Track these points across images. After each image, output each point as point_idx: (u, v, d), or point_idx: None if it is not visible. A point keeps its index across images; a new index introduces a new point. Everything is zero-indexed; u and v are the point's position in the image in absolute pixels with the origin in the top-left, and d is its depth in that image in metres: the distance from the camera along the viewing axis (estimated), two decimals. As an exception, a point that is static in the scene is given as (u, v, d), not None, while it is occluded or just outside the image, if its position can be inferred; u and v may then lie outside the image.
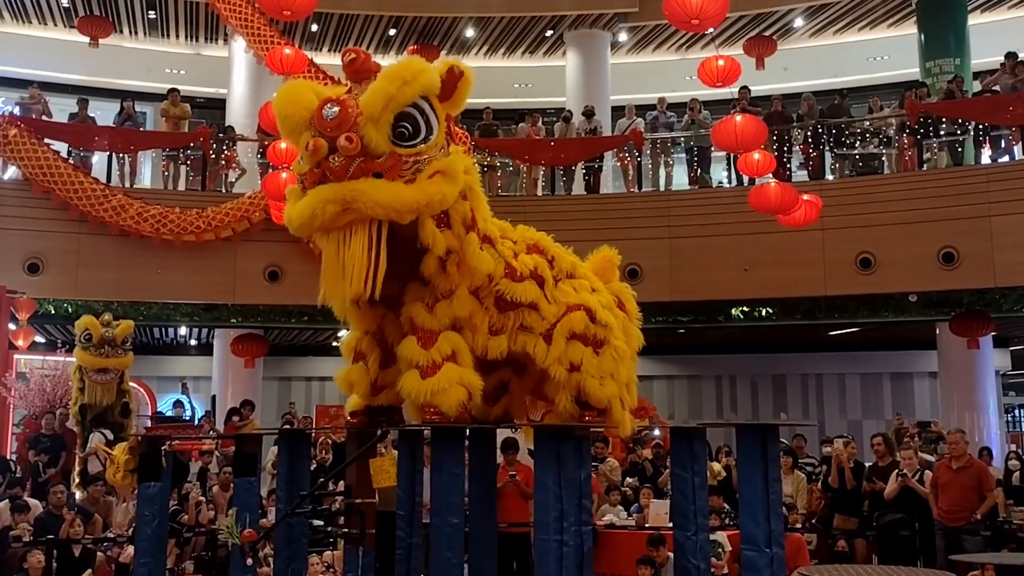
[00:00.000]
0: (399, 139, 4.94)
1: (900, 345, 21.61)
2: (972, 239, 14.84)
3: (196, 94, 20.67)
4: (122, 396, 13.32)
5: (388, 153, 4.91)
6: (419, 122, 5.00)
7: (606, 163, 17.61)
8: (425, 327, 5.31)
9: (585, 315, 5.67)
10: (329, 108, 4.91)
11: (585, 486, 5.41)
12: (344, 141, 4.80)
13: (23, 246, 15.69)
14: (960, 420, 16.02)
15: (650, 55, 21.16)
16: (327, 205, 4.84)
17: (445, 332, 5.32)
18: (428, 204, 4.96)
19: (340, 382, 5.84)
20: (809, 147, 16.51)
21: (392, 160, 4.92)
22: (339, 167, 4.85)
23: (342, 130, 4.84)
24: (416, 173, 4.96)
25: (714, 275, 15.87)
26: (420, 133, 5.00)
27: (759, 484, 5.44)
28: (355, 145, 4.81)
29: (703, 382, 23.81)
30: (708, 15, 9.23)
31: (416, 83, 4.98)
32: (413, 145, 4.97)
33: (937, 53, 17.73)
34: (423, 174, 4.97)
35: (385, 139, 4.90)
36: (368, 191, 4.84)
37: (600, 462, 11.99)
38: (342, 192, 4.83)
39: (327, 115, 4.90)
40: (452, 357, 5.29)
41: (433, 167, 5.00)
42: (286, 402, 21.91)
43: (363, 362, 5.72)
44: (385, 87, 4.94)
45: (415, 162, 4.97)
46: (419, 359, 5.25)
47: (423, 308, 5.34)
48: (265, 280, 16.33)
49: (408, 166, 4.95)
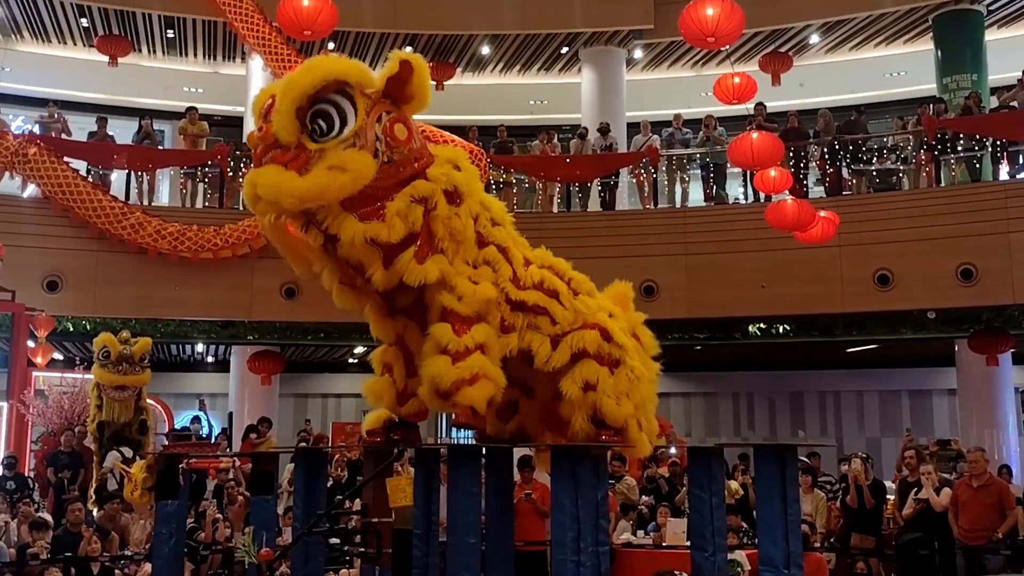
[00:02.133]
0: (315, 135, 5.06)
1: (918, 362, 21.46)
2: (990, 255, 14.76)
3: (214, 112, 20.75)
4: (140, 413, 13.34)
5: (295, 145, 5.05)
6: (333, 118, 5.09)
7: (622, 180, 17.60)
8: (458, 312, 5.32)
9: (599, 335, 5.67)
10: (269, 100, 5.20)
11: (602, 506, 5.39)
12: (255, 130, 5.17)
13: (42, 264, 15.77)
14: (979, 438, 15.90)
15: (665, 72, 21.16)
16: (246, 186, 5.14)
17: (479, 323, 5.34)
18: (318, 193, 5.01)
19: (367, 392, 5.87)
20: (826, 163, 16.47)
21: (297, 152, 5.04)
22: (257, 154, 5.19)
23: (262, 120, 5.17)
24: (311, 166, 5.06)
25: (731, 292, 15.82)
26: (333, 128, 5.10)
27: (777, 504, 5.42)
28: (263, 134, 5.10)
29: (720, 399, 23.70)
30: (724, 32, 9.22)
31: (319, 70, 5.11)
32: (327, 141, 5.07)
33: (954, 69, 17.69)
34: (321, 164, 5.03)
35: (290, 130, 5.03)
36: (263, 174, 5.05)
37: (617, 480, 11.93)
38: (252, 176, 5.11)
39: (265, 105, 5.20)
40: (482, 348, 5.30)
41: (330, 159, 5.04)
42: (302, 419, 21.93)
43: (389, 373, 5.72)
44: (289, 78, 5.18)
45: (319, 156, 5.06)
46: (452, 344, 5.24)
47: (453, 297, 5.34)
48: (282, 297, 16.36)
49: (314, 160, 5.05)
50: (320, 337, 17.58)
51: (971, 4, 17.53)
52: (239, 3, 17.47)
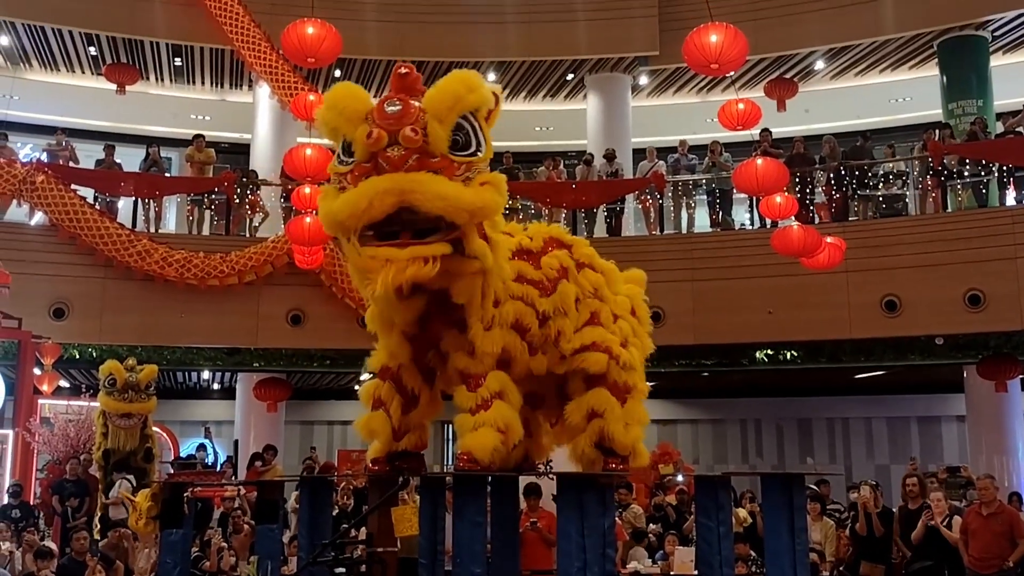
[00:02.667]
0: (452, 147, 4.94)
1: (927, 388, 21.37)
2: (998, 281, 14.72)
3: (221, 139, 20.83)
4: (145, 441, 13.31)
5: (443, 156, 4.90)
6: (470, 136, 5.02)
7: (628, 206, 17.61)
8: (470, 371, 5.35)
9: (606, 356, 5.69)
10: (391, 104, 4.93)
11: (609, 535, 5.36)
12: (409, 132, 4.78)
13: (49, 291, 15.80)
14: (989, 465, 15.80)
15: (671, 98, 21.21)
16: (384, 196, 4.76)
17: (492, 372, 5.35)
18: (483, 208, 4.97)
19: (361, 429, 5.81)
20: (832, 189, 16.46)
21: (446, 163, 4.90)
22: (398, 158, 4.81)
23: (404, 123, 4.83)
24: (467, 181, 4.95)
25: (738, 318, 15.78)
26: (471, 146, 5.01)
27: (785, 534, 5.39)
28: (419, 137, 4.80)
29: (728, 426, 23.60)
30: (728, 59, 9.23)
31: (478, 93, 5.04)
32: (465, 155, 4.98)
33: (959, 94, 17.68)
34: (474, 181, 4.97)
35: (445, 139, 4.90)
36: (428, 183, 4.78)
37: (623, 508, 11.87)
38: (400, 182, 4.77)
39: (389, 109, 4.90)
40: (500, 395, 5.33)
41: (484, 176, 5.04)
42: (308, 446, 21.87)
43: (383, 409, 5.69)
44: (453, 87, 4.98)
45: (466, 170, 4.97)
46: (468, 403, 5.31)
47: (465, 355, 5.37)
48: (288, 324, 16.38)
49: (460, 172, 4.94)
50: (326, 364, 17.57)
51: (976, 30, 17.55)
52: (246, 31, 17.59)
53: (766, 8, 17.97)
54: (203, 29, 17.90)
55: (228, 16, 17.63)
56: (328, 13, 12.02)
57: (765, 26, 17.53)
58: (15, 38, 18.48)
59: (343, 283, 16.11)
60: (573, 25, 18.83)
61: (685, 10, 17.73)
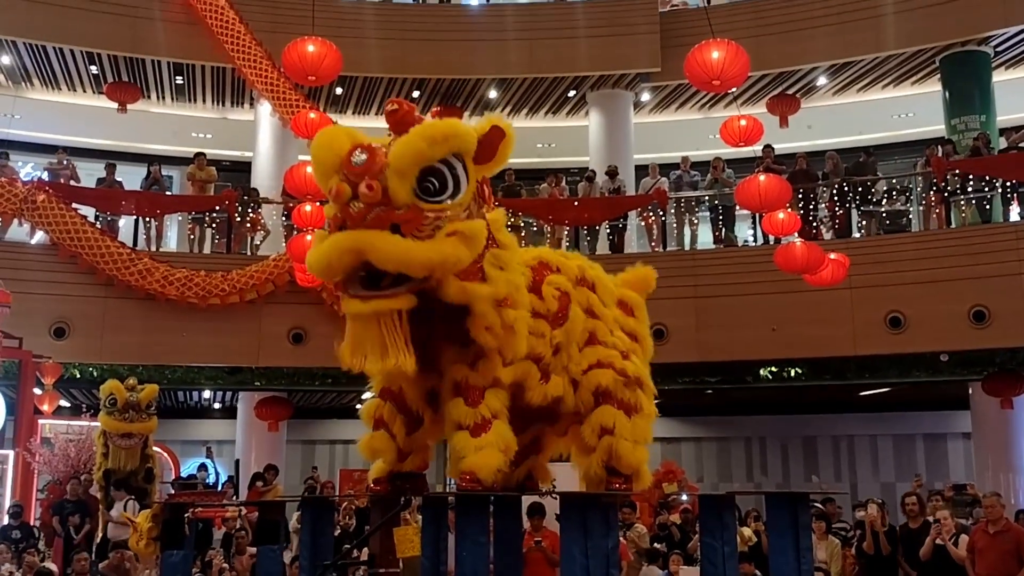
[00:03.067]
0: (424, 193, 4.87)
1: (932, 405, 21.26)
2: (1003, 297, 14.66)
3: (222, 157, 20.84)
4: (146, 461, 13.24)
5: (409, 206, 4.83)
6: (446, 178, 4.94)
7: (630, 222, 17.57)
8: (469, 383, 5.26)
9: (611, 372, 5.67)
10: (358, 154, 4.88)
11: (612, 555, 5.30)
12: (364, 188, 4.75)
13: (49, 310, 15.77)
14: (995, 482, 15.67)
15: (673, 114, 21.21)
16: (343, 254, 4.78)
17: (492, 389, 5.27)
18: (442, 263, 4.86)
19: (363, 450, 5.73)
20: (835, 205, 16.42)
21: (412, 214, 4.83)
22: (357, 213, 4.78)
23: (366, 176, 4.79)
24: (435, 231, 4.87)
25: (741, 334, 15.73)
26: (447, 189, 4.93)
27: (790, 553, 5.33)
28: (375, 193, 4.75)
29: (732, 444, 23.47)
30: (729, 76, 9.20)
31: (446, 144, 4.93)
32: (438, 201, 4.90)
33: (962, 110, 17.66)
34: (441, 231, 4.88)
35: (408, 192, 4.82)
36: (379, 244, 4.74)
37: (627, 528, 11.77)
38: (358, 241, 4.75)
39: (355, 160, 4.86)
40: (499, 414, 5.26)
41: (452, 226, 4.91)
42: (310, 466, 21.76)
43: (385, 429, 5.63)
44: (416, 143, 4.90)
45: (436, 218, 4.88)
46: (467, 419, 5.21)
47: (466, 367, 5.28)
48: (289, 343, 16.33)
49: (428, 222, 4.86)
50: (328, 383, 17.51)
51: (978, 45, 17.54)
52: (247, 49, 17.61)
53: (768, 24, 17.98)
54: (204, 47, 17.93)
55: (229, 34, 17.66)
56: (329, 31, 12.03)
57: (767, 42, 17.53)
58: (17, 57, 18.50)
59: (345, 301, 16.04)
60: (575, 42, 18.85)
61: (687, 27, 17.76)
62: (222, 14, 17.69)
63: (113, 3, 17.61)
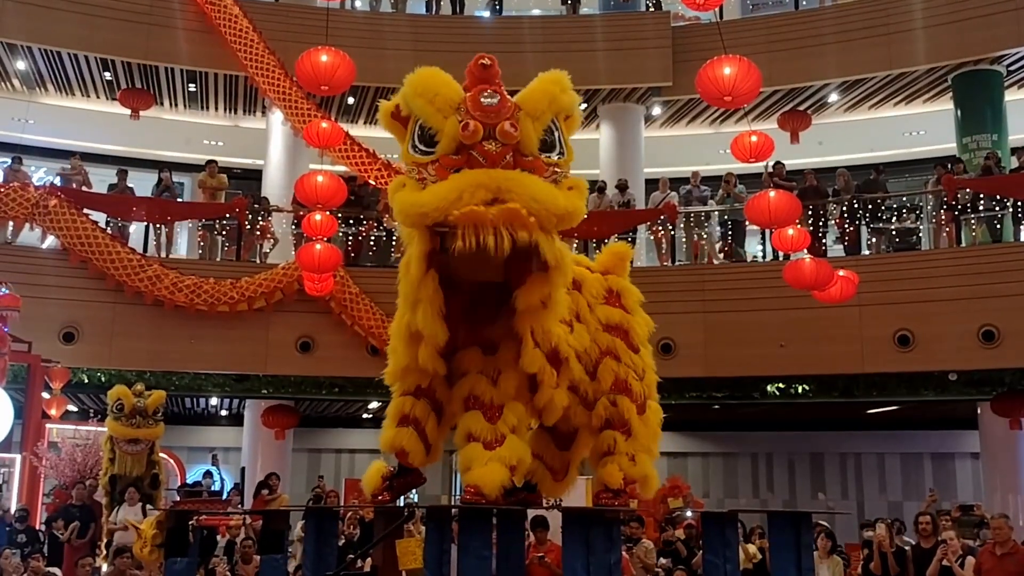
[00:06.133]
0: (540, 148, 4.86)
1: (941, 424, 21.19)
2: (1013, 317, 14.61)
3: (233, 165, 20.88)
4: (152, 467, 13.20)
5: (534, 156, 4.81)
6: (555, 138, 4.95)
7: (639, 236, 17.56)
8: (487, 400, 5.18)
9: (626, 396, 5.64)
10: (488, 95, 4.80)
11: (615, 571, 5.26)
12: (509, 127, 4.68)
13: (59, 315, 15.81)
14: (1004, 504, 15.60)
15: (684, 129, 21.21)
16: (478, 190, 4.63)
17: (510, 403, 5.19)
18: (571, 214, 4.83)
19: (391, 446, 5.49)
20: (845, 222, 16.39)
21: (537, 163, 4.82)
22: (496, 153, 4.68)
23: (502, 117, 4.72)
24: (555, 183, 4.85)
25: (749, 350, 15.69)
26: (555, 149, 4.94)
27: (792, 573, 5.29)
28: (517, 133, 4.70)
29: (739, 460, 23.42)
30: (741, 92, 9.18)
31: (569, 95, 5.02)
32: (551, 157, 4.90)
33: (974, 129, 17.62)
34: (562, 185, 4.87)
35: (537, 139, 4.82)
36: (525, 183, 4.68)
37: (634, 543, 11.73)
38: (497, 178, 4.65)
39: (486, 101, 4.78)
40: (515, 429, 5.19)
41: (569, 181, 4.94)
42: (315, 474, 21.78)
43: (414, 427, 5.44)
44: (548, 88, 4.92)
45: (554, 172, 4.88)
46: (486, 435, 5.11)
47: (486, 381, 5.19)
48: (297, 351, 16.35)
49: (549, 175, 4.85)
50: (335, 392, 17.51)
51: (991, 64, 17.51)
52: (260, 58, 17.67)
53: (780, 40, 17.99)
54: (218, 55, 18.00)
55: (243, 43, 17.72)
56: (343, 40, 12.07)
57: (779, 58, 17.55)
58: (31, 62, 18.60)
59: (353, 311, 16.08)
60: (587, 55, 18.85)
61: (699, 42, 17.77)
62: (236, 22, 17.76)
63: (128, 10, 17.71)
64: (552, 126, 4.93)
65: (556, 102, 4.89)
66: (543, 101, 4.85)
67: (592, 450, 5.73)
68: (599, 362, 5.67)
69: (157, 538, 7.50)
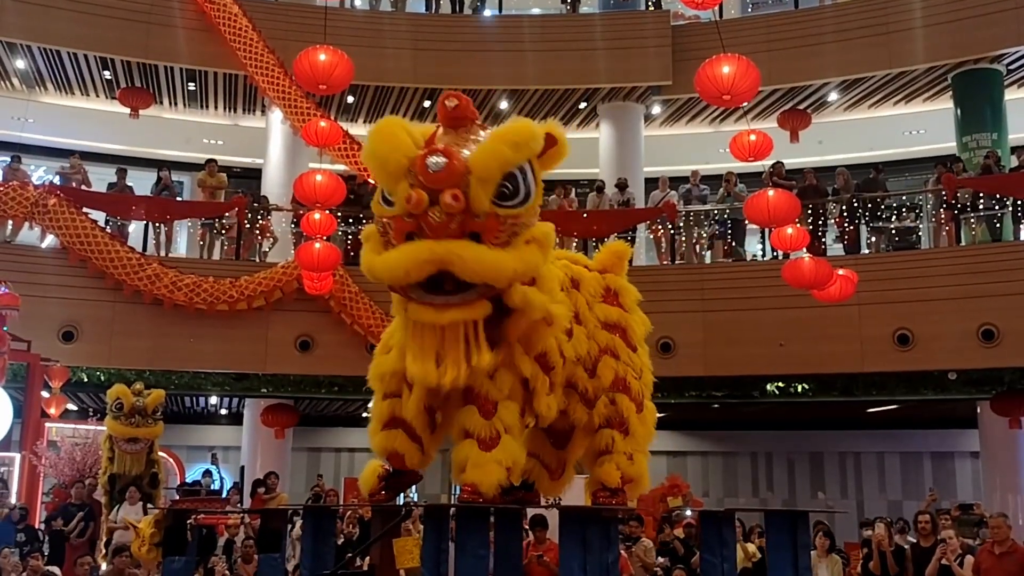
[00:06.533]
0: (499, 199, 4.76)
1: (940, 423, 21.18)
2: (1013, 316, 14.60)
3: (233, 164, 20.88)
4: (151, 466, 13.21)
5: (489, 214, 4.73)
6: (519, 183, 4.82)
7: (639, 235, 17.55)
8: (484, 395, 5.15)
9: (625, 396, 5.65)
10: (435, 159, 4.66)
11: (612, 570, 5.26)
12: (450, 199, 4.58)
13: (58, 314, 15.81)
14: (1003, 503, 15.60)
15: (683, 127, 21.20)
16: (423, 265, 4.63)
17: (505, 402, 5.18)
18: (525, 272, 4.83)
19: (384, 449, 5.48)
20: (844, 221, 16.38)
21: (492, 221, 4.73)
22: (439, 224, 4.62)
23: (447, 184, 4.62)
24: (512, 237, 4.80)
25: (749, 349, 15.69)
26: (519, 195, 4.82)
27: (789, 572, 5.29)
28: (460, 204, 4.60)
29: (738, 459, 23.42)
30: (740, 90, 9.18)
31: (527, 149, 4.86)
32: (512, 206, 4.80)
33: (974, 128, 17.60)
34: (519, 239, 4.82)
35: (489, 200, 4.71)
36: (467, 255, 4.62)
37: (633, 542, 11.72)
38: (438, 252, 4.61)
39: (432, 166, 4.64)
40: (510, 429, 5.16)
41: (530, 233, 4.89)
42: (315, 473, 21.78)
43: (403, 428, 5.43)
44: (500, 148, 4.77)
45: (512, 224, 4.80)
46: (481, 431, 5.10)
47: (483, 377, 5.13)
48: (296, 350, 16.36)
49: (505, 229, 4.77)
50: (334, 391, 17.51)
51: (991, 63, 17.51)
52: (260, 57, 17.68)
53: (780, 39, 17.98)
54: (217, 54, 18.00)
55: (242, 42, 17.72)
56: (342, 39, 12.09)
57: (778, 57, 17.55)
58: (31, 61, 18.60)
59: (352, 309, 16.08)
60: (587, 55, 18.86)
61: (698, 41, 17.76)
62: (235, 21, 17.76)
63: (127, 9, 17.71)
64: (515, 171, 4.81)
65: (507, 163, 4.75)
66: (493, 164, 4.71)
67: (588, 448, 5.75)
68: (599, 359, 5.68)
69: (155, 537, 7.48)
